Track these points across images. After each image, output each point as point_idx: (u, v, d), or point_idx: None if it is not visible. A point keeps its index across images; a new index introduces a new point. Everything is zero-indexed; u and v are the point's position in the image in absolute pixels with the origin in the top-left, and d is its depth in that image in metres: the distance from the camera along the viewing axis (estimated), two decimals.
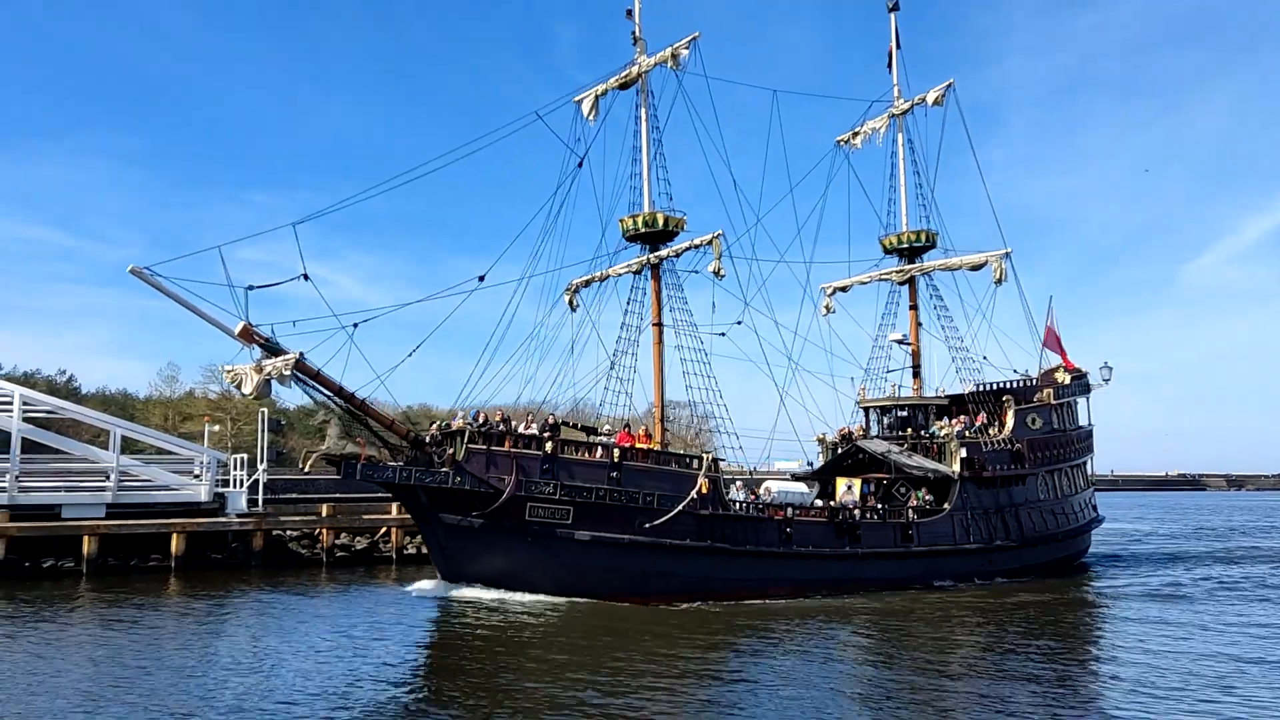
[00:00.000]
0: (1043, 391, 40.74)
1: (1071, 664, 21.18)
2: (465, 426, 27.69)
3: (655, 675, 19.32)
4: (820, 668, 20.56)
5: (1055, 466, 39.81)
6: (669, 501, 28.44)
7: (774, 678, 19.42)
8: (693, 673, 19.75)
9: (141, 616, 26.32)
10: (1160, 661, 21.23)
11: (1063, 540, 39.39)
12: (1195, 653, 22.21)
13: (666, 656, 21.24)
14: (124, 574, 34.67)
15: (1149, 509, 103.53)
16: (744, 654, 21.97)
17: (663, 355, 32.90)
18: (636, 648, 22.05)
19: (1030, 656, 21.76)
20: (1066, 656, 21.93)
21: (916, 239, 40.11)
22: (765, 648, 22.64)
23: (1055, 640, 24.02)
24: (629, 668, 19.94)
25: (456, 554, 27.92)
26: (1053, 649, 22.77)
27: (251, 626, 24.94)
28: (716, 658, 21.40)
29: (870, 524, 32.88)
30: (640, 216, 32.84)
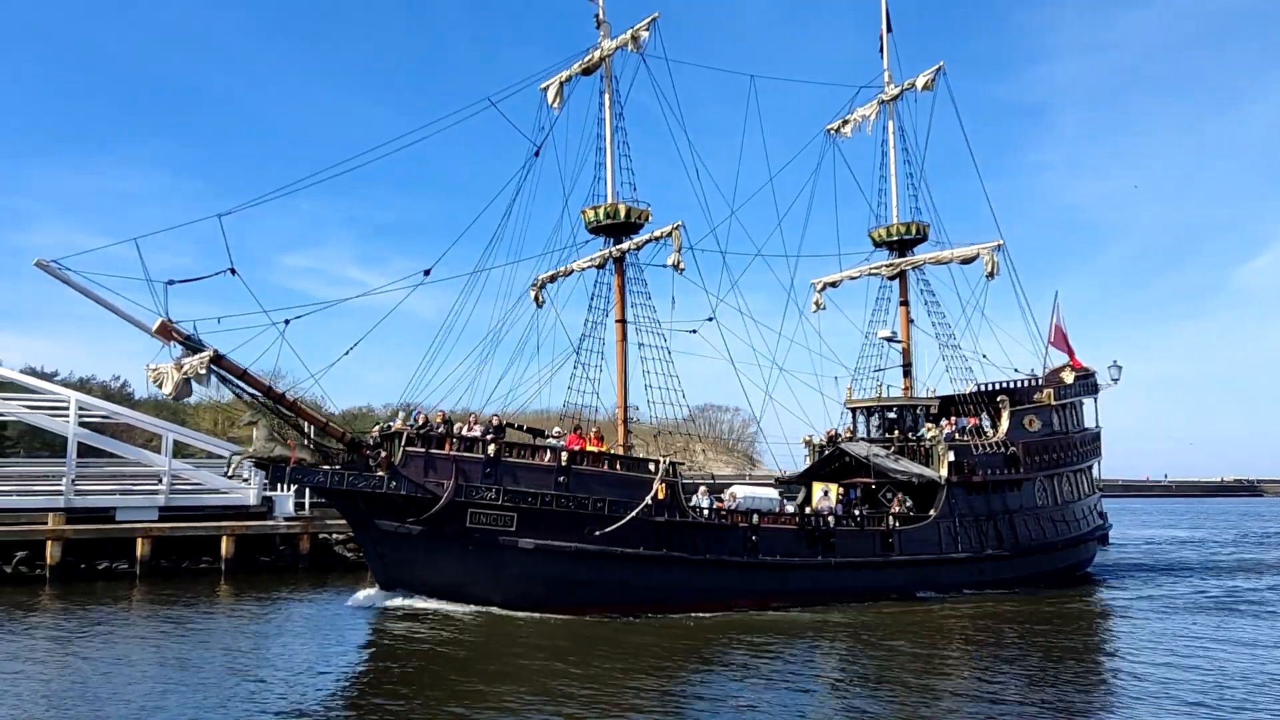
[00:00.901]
0: (1043, 392, 38.63)
1: (1058, 684, 19.55)
2: (404, 428, 26.35)
3: (598, 698, 17.91)
4: (785, 691, 19.03)
5: (1055, 471, 37.69)
6: (621, 508, 26.89)
7: (733, 699, 18.06)
8: (640, 694, 18.31)
9: (194, 618, 26.53)
10: (1152, 685, 19.59)
11: (1062, 549, 37.25)
12: (1197, 677, 20.48)
13: (614, 675, 19.87)
14: (176, 576, 35.22)
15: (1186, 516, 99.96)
16: (700, 672, 20.52)
17: (626, 353, 31.38)
18: (581, 665, 20.66)
19: (1012, 676, 20.25)
20: (1054, 676, 20.26)
21: (906, 231, 38.18)
22: (725, 665, 21.17)
23: (1042, 658, 22.38)
24: (567, 689, 18.53)
25: (395, 562, 26.56)
26: (1038, 667, 21.19)
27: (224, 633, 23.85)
28: (668, 677, 19.92)
29: (846, 531, 31.08)
30: (602, 208, 31.31)
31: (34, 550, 33.89)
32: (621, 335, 31.31)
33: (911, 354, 38.62)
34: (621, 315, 31.40)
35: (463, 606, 26.39)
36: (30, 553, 33.90)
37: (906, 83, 38.26)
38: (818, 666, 21.59)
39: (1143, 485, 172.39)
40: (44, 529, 33.96)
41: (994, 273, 36.04)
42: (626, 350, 31.33)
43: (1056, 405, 38.65)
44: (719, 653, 22.55)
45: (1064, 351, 43.13)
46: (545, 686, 18.68)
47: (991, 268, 35.94)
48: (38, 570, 33.61)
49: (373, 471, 25.62)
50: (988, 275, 36.19)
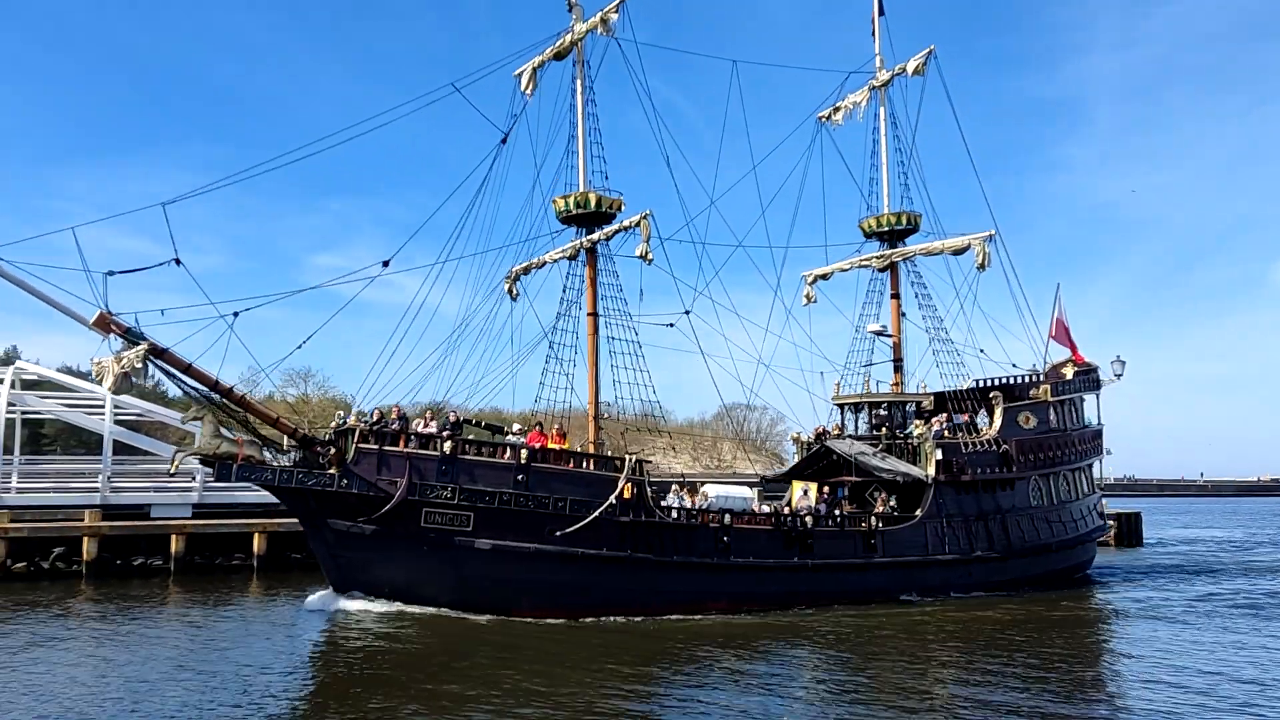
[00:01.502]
0: (1039, 388, 37.28)
1: (1040, 692, 18.52)
2: (356, 424, 25.49)
3: (556, 704, 17.11)
4: (756, 696, 18.15)
5: (1051, 470, 36.36)
6: (584, 508, 25.90)
7: (699, 705, 17.27)
8: (601, 700, 17.41)
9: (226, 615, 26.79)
10: (1139, 694, 18.54)
11: (1057, 551, 35.91)
12: (1196, 681, 19.51)
13: (573, 680, 18.97)
14: (209, 572, 35.74)
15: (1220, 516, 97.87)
16: (666, 678, 19.53)
17: (598, 347, 30.35)
18: (540, 671, 19.76)
19: (993, 682, 19.24)
20: (1035, 686, 19.10)
21: (897, 222, 36.90)
22: (691, 671, 20.20)
23: (1026, 663, 21.23)
24: (525, 696, 17.65)
25: (349, 564, 25.70)
26: (1021, 674, 20.10)
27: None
28: (631, 683, 18.93)
29: (825, 532, 29.94)
30: (572, 197, 30.29)
31: (71, 546, 34.63)
32: (593, 329, 30.29)
33: (903, 349, 37.40)
34: (593, 308, 30.39)
35: (419, 609, 25.51)
36: (67, 549, 34.64)
37: (897, 67, 36.99)
38: (788, 672, 20.58)
39: (1178, 485, 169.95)
40: (80, 526, 34.75)
41: (985, 264, 34.74)
42: (598, 344, 30.29)
43: (1054, 401, 37.30)
44: (686, 658, 21.55)
45: (1066, 346, 41.79)
46: (501, 693, 17.81)
47: (982, 259, 34.64)
48: (74, 566, 34.34)
49: (324, 469, 24.78)
50: (978, 266, 34.90)
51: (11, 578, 33.39)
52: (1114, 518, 55.59)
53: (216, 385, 24.13)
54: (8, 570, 33.60)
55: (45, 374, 40.66)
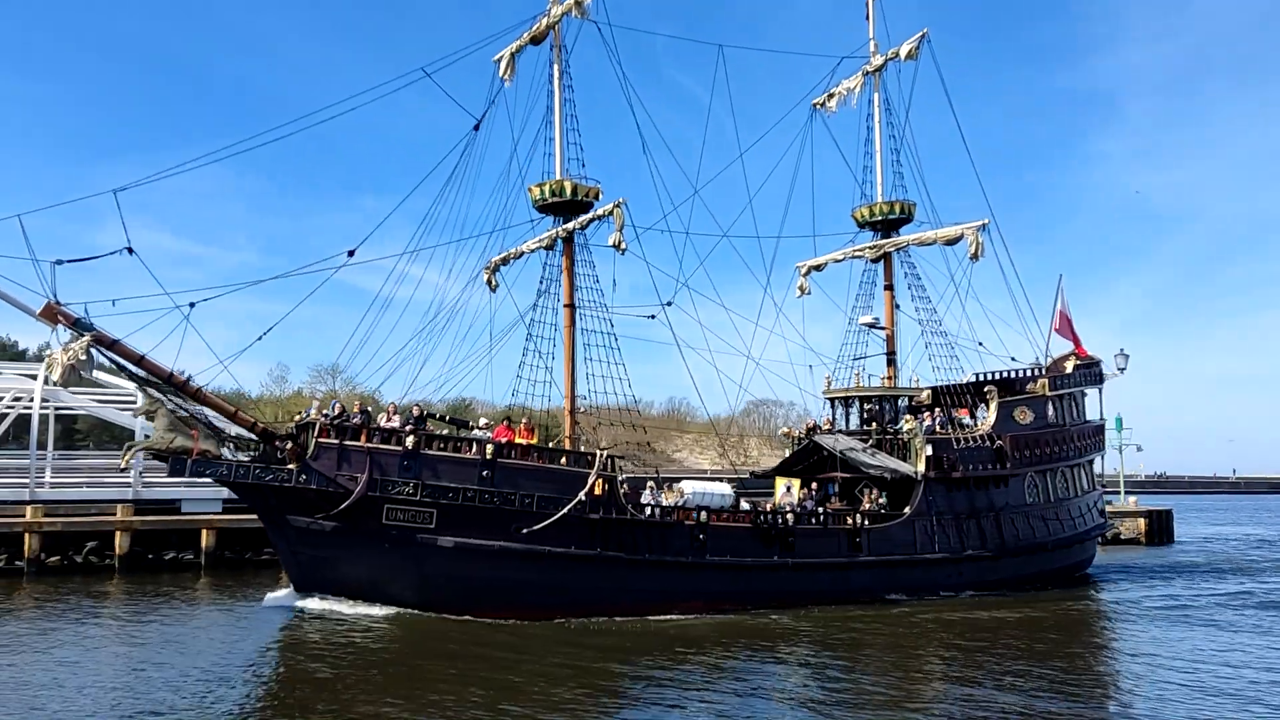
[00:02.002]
0: (1037, 382, 36.19)
1: (1026, 692, 17.87)
2: (317, 418, 24.83)
3: (518, 706, 16.50)
4: (723, 696, 17.51)
5: (1048, 466, 35.26)
6: (553, 504, 25.13)
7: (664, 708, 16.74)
8: (561, 709, 16.69)
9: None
10: (1136, 697, 17.85)
11: (1053, 550, 34.83)
12: (1193, 682, 18.87)
13: (538, 682, 18.34)
14: (239, 566, 36.12)
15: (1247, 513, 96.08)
16: (632, 685, 18.73)
17: (575, 339, 29.57)
18: (503, 672, 19.15)
19: (975, 684, 18.53)
20: (1023, 682, 18.51)
21: (890, 211, 35.86)
22: (662, 676, 19.39)
23: (1013, 663, 20.56)
24: (487, 699, 17.03)
25: (309, 562, 25.04)
26: (1007, 673, 19.43)
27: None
28: (593, 689, 18.19)
29: (807, 530, 29.05)
30: (548, 185, 29.47)
31: (104, 541, 34.98)
32: (570, 320, 29.51)
33: (896, 341, 36.35)
34: (570, 299, 29.59)
35: (381, 609, 24.85)
36: (100, 543, 34.98)
37: (890, 52, 35.91)
38: (764, 674, 19.91)
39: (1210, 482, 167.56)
40: (113, 520, 35.25)
41: (978, 254, 33.67)
42: (575, 336, 29.52)
43: (1052, 396, 36.20)
44: (657, 660, 20.82)
45: (1069, 339, 40.65)
46: (460, 699, 17.10)
47: (975, 248, 33.57)
48: (107, 560, 34.74)
49: (282, 464, 24.15)
50: (971, 256, 33.83)
51: (45, 571, 33.80)
52: (1144, 515, 54.49)
53: (171, 378, 23.53)
54: (42, 564, 33.98)
55: None
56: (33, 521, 33.89)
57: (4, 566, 33.50)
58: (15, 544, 33.90)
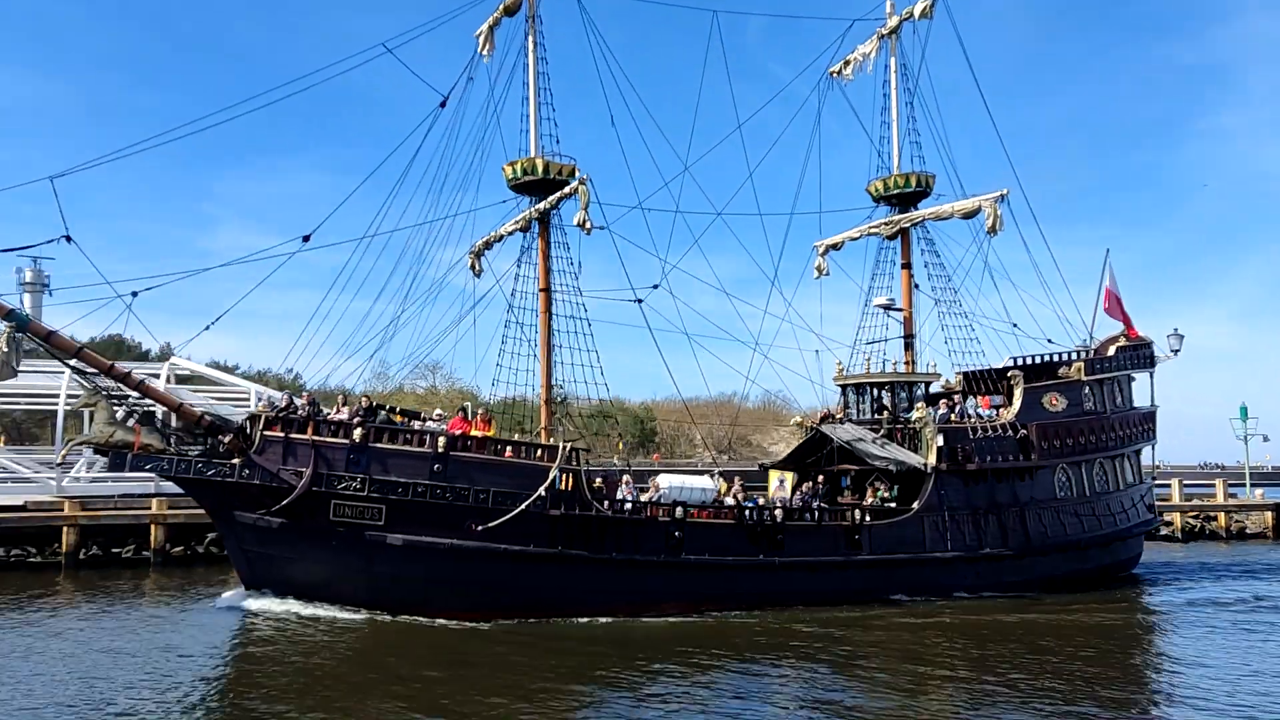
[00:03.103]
0: (1070, 366, 33.39)
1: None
2: (262, 411, 23.91)
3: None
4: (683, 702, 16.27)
5: (1084, 457, 32.47)
6: (511, 500, 23.75)
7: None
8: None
9: None
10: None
11: (1090, 548, 32.07)
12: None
13: (481, 689, 17.24)
14: None
15: None
16: (580, 688, 17.58)
17: (551, 326, 28.12)
18: (448, 678, 18.16)
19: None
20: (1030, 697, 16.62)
21: (905, 183, 33.41)
22: (614, 681, 18.17)
23: (1020, 676, 18.47)
24: (428, 706, 16.12)
25: (259, 559, 24.14)
26: (1013, 687, 17.45)
27: None
28: (545, 695, 16.96)
29: (799, 527, 27.11)
30: (519, 163, 28.04)
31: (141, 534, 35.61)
32: (545, 306, 28.08)
33: (914, 324, 33.94)
34: (545, 284, 28.14)
35: (331, 609, 23.80)
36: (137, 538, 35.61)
37: (904, 11, 33.42)
38: (733, 678, 18.53)
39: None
40: (148, 513, 35.59)
41: (996, 227, 31.06)
42: (551, 322, 28.07)
43: (1090, 381, 33.34)
44: (612, 666, 19.45)
45: (1118, 319, 37.63)
46: (404, 707, 16.13)
47: (993, 221, 30.97)
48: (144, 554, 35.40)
49: (226, 458, 23.28)
50: (989, 230, 31.24)
51: (169, 562, 35.10)
52: (1272, 508, 50.85)
53: (111, 369, 22.88)
54: (168, 555, 35.29)
55: (196, 369, 42.23)
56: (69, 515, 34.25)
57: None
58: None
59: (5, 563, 33.25)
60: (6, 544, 33.64)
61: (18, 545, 33.85)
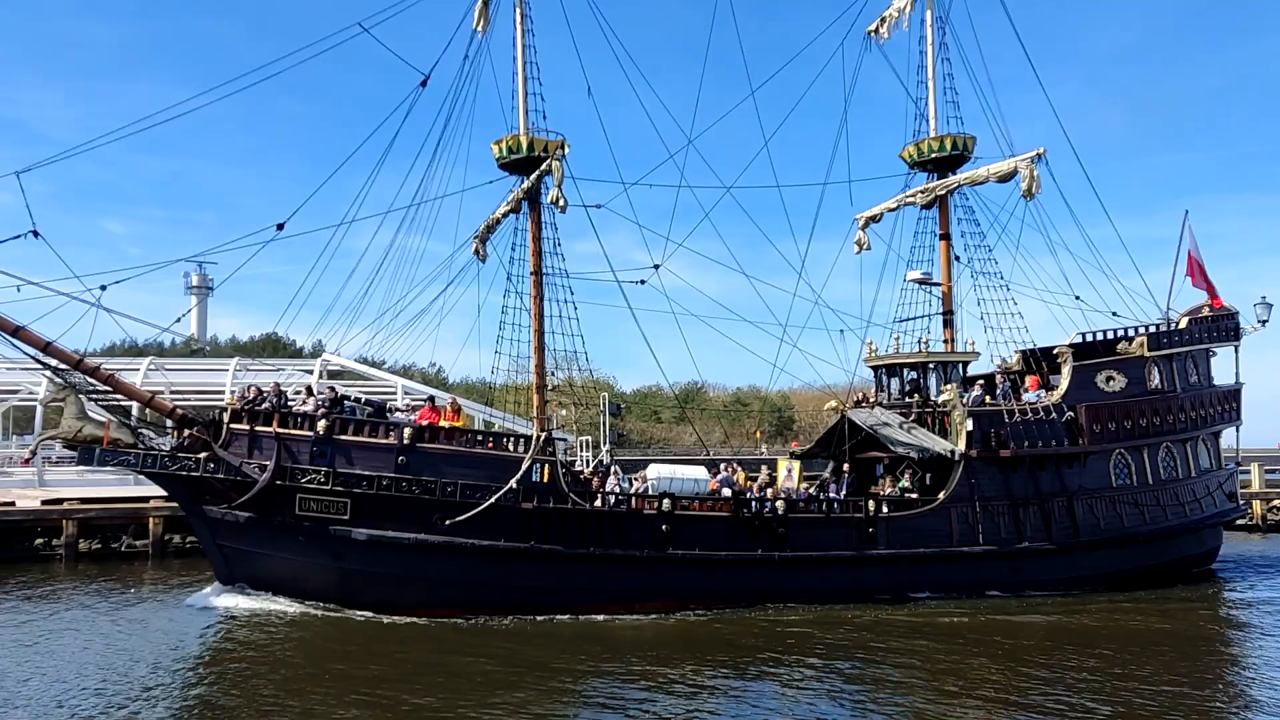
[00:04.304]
0: (1131, 342, 30.28)
1: None
2: (233, 403, 23.48)
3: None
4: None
5: (1146, 441, 29.38)
6: (480, 493, 22.70)
7: None
8: None
9: None
10: None
11: (1150, 541, 28.98)
12: None
13: (433, 696, 16.41)
14: None
15: None
16: (537, 690, 16.70)
17: (542, 310, 26.93)
18: (405, 678, 17.45)
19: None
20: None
21: (940, 147, 30.79)
22: (576, 682, 17.35)
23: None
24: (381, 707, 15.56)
25: (232, 554, 23.74)
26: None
27: None
28: (508, 700, 16.12)
29: (804, 519, 25.22)
30: (505, 141, 26.87)
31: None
32: (536, 289, 26.87)
33: (953, 299, 31.35)
34: (536, 266, 26.93)
35: (302, 604, 23.26)
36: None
37: None
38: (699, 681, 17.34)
39: None
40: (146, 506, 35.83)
41: (1033, 190, 28.24)
42: (543, 306, 26.88)
43: (1155, 357, 30.22)
44: (578, 666, 18.61)
45: (1202, 288, 34.17)
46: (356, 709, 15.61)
47: (1029, 183, 28.17)
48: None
49: (194, 452, 22.93)
50: (1025, 194, 28.46)
51: (167, 553, 35.03)
52: None
53: (80, 363, 22.76)
54: (165, 546, 35.34)
55: (346, 364, 43.31)
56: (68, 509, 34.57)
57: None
58: None
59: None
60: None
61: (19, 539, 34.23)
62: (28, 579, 29.57)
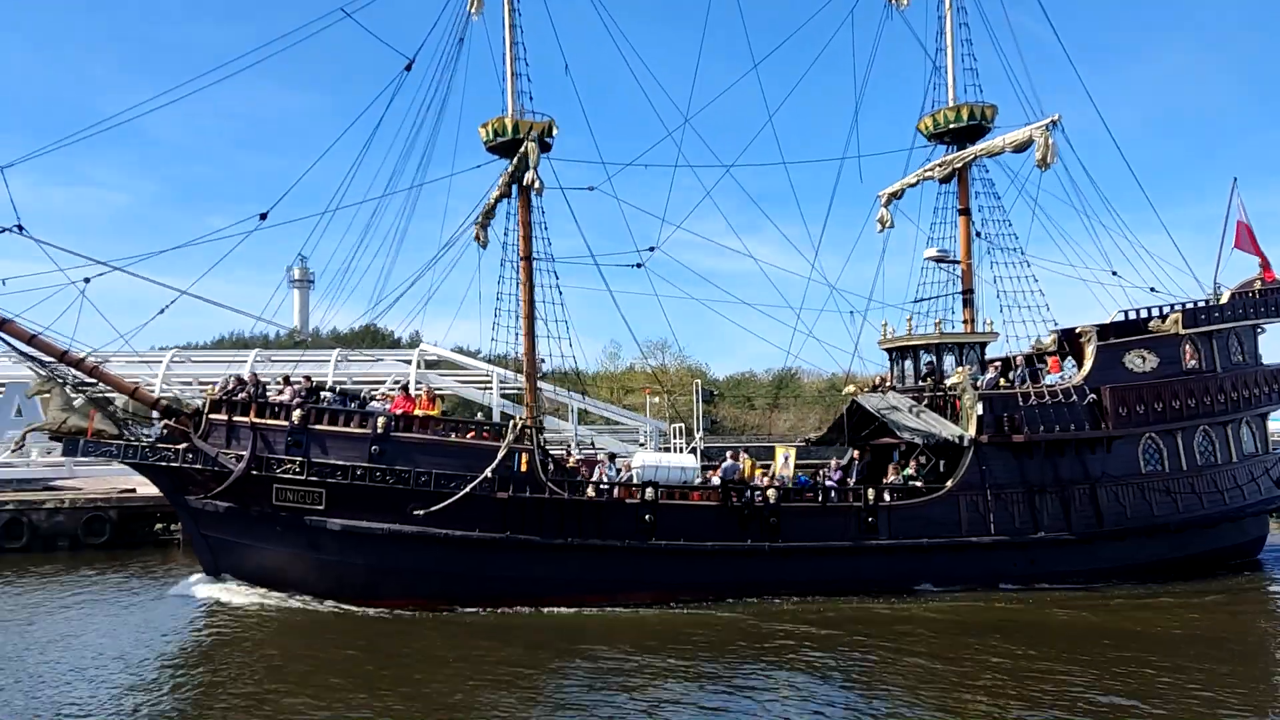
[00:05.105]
0: (1165, 319, 28.44)
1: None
2: (213, 394, 23.51)
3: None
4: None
5: (1180, 424, 27.58)
6: (455, 482, 22.32)
7: None
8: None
9: None
10: None
11: (1182, 530, 27.17)
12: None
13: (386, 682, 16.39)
14: None
15: None
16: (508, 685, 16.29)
17: (533, 297, 26.40)
18: (374, 672, 17.21)
19: None
20: None
21: (956, 117, 29.29)
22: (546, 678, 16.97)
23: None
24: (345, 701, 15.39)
25: (216, 545, 23.80)
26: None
27: None
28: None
29: (798, 509, 24.29)
30: (491, 124, 26.37)
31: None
32: (526, 275, 26.37)
33: (974, 277, 29.84)
34: (526, 251, 26.41)
35: (282, 597, 23.20)
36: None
37: None
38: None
39: None
40: None
41: (1048, 159, 26.62)
42: (533, 293, 26.35)
43: (1192, 334, 28.36)
44: (561, 659, 18.27)
45: (1253, 253, 32.11)
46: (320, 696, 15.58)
47: (1044, 152, 26.57)
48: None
49: (175, 442, 23.02)
50: (1039, 162, 26.85)
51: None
52: None
53: (64, 355, 23.00)
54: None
55: (443, 354, 44.31)
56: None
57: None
58: None
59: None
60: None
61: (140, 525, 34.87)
62: (150, 562, 30.71)
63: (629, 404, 59.90)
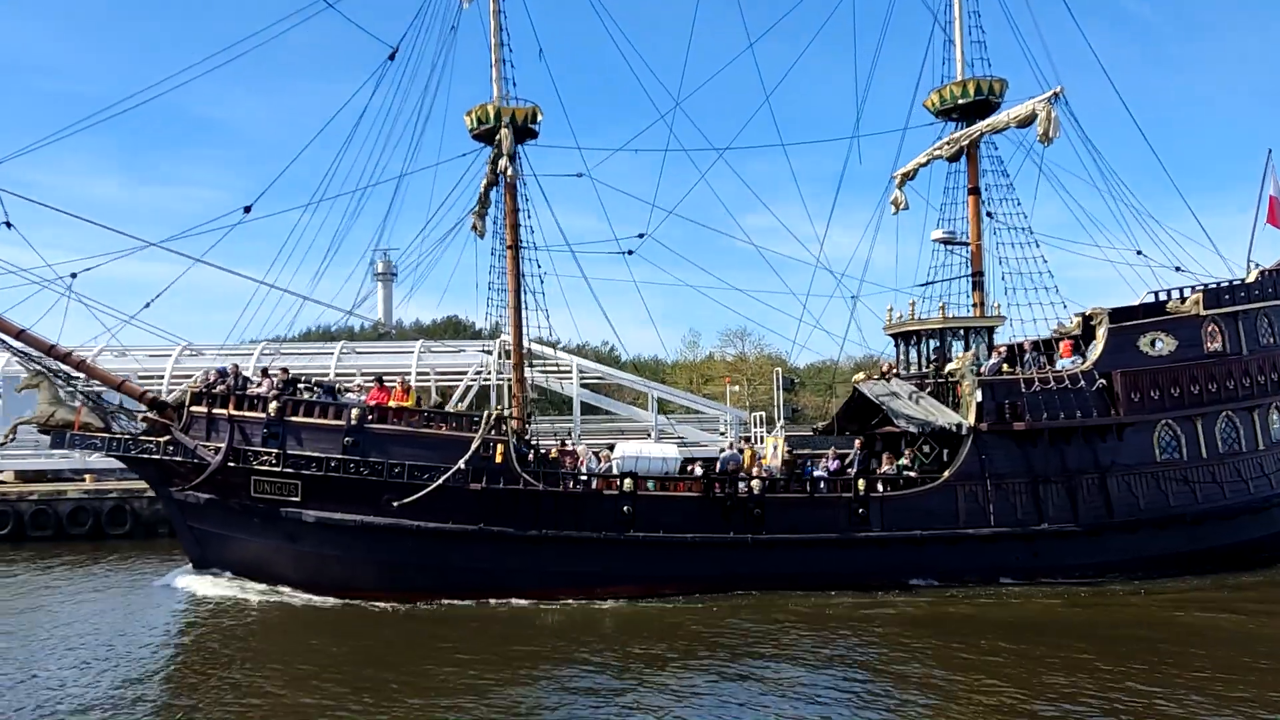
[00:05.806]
0: (1184, 301, 27.05)
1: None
2: (191, 387, 23.65)
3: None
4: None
5: (1200, 410, 26.22)
6: (429, 474, 22.15)
7: None
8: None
9: None
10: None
11: (1200, 522, 25.82)
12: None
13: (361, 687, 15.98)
14: None
15: None
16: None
17: (520, 286, 26.10)
18: (346, 666, 17.19)
19: None
20: None
21: (962, 93, 28.16)
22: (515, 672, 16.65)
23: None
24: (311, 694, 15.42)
25: (201, 537, 24.00)
26: None
27: None
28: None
29: (784, 500, 23.63)
30: (475, 112, 26.05)
31: None
32: (513, 263, 26.06)
33: (984, 259, 28.73)
34: (513, 240, 26.11)
35: (263, 588, 23.28)
36: None
37: None
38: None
39: None
40: None
41: (1051, 133, 25.41)
42: (520, 282, 26.05)
43: (1215, 315, 26.93)
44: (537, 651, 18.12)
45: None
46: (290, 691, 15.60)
47: (1046, 126, 25.37)
48: None
49: (159, 435, 23.23)
50: (1041, 137, 25.66)
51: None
52: None
53: (52, 350, 23.34)
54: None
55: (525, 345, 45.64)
56: None
57: None
58: None
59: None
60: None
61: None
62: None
63: (708, 392, 59.47)
